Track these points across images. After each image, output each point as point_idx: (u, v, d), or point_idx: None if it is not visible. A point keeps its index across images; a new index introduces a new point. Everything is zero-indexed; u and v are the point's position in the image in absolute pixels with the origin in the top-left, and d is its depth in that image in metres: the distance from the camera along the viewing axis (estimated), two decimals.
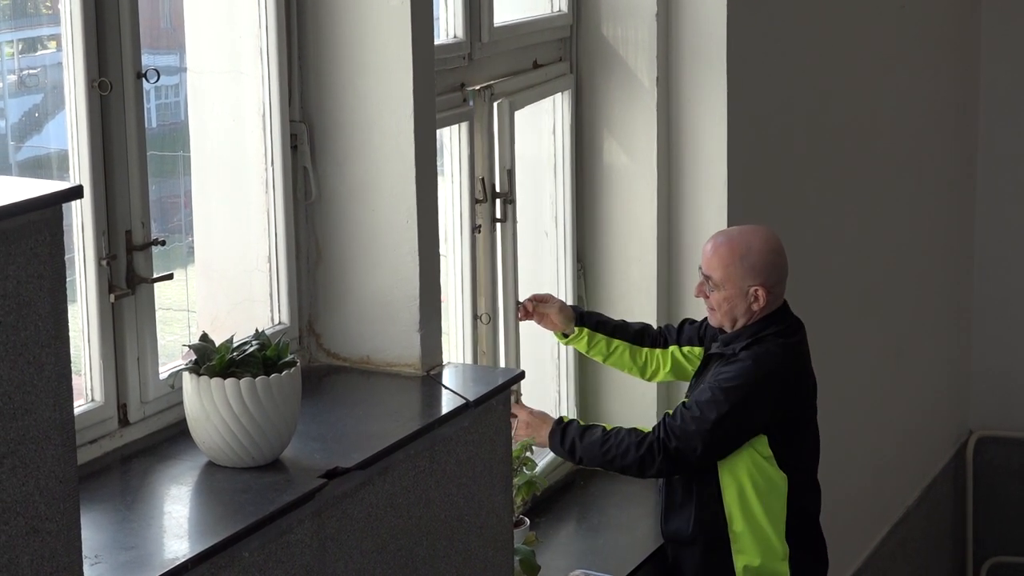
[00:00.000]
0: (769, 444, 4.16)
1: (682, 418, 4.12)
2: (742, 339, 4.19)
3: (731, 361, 4.17)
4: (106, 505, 3.04)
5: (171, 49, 3.74)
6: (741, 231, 4.25)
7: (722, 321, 4.23)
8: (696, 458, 4.12)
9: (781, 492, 4.20)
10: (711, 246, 4.22)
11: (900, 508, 7.11)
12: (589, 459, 4.23)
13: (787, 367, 4.20)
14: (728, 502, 4.20)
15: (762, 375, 4.14)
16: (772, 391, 4.15)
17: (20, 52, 3.36)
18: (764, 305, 4.18)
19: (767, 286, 4.17)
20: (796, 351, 4.24)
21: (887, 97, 6.58)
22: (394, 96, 3.69)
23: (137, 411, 3.33)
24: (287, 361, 3.19)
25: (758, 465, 4.17)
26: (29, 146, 3.40)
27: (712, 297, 4.21)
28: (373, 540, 3.29)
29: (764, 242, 4.21)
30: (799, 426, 4.25)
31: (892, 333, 6.76)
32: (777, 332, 4.19)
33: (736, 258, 4.17)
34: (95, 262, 3.20)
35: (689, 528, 4.24)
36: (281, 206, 3.72)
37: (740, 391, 4.11)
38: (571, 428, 4.22)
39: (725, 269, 4.18)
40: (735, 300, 4.19)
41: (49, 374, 2.47)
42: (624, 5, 4.82)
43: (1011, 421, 8.12)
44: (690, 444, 4.10)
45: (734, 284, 4.18)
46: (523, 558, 4.18)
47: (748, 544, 4.21)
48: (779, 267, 4.22)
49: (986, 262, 8.03)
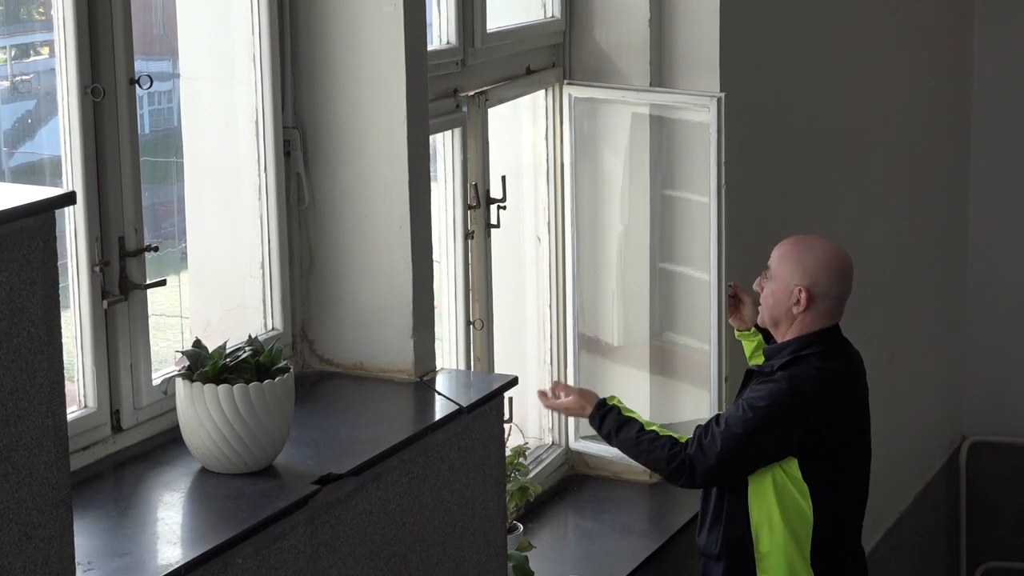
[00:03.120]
0: (800, 468, 4.12)
1: (711, 435, 4.11)
2: (782, 355, 4.15)
3: (766, 380, 4.14)
4: (99, 511, 3.03)
5: (164, 55, 3.74)
6: (814, 238, 4.25)
7: (763, 317, 4.22)
8: (712, 473, 4.12)
9: (807, 520, 4.15)
10: (782, 242, 4.22)
11: (894, 513, 7.12)
12: (623, 451, 4.27)
13: (821, 391, 4.13)
14: (755, 522, 4.17)
15: (795, 399, 4.09)
16: (803, 416, 4.10)
17: (13, 58, 3.36)
18: (804, 309, 4.13)
19: (812, 291, 4.13)
20: (836, 376, 4.17)
21: (880, 101, 6.59)
22: (387, 102, 3.69)
23: (130, 417, 3.33)
24: (280, 367, 3.19)
25: (786, 488, 4.13)
26: (22, 152, 3.40)
27: (764, 289, 4.21)
28: (366, 546, 3.28)
29: (829, 252, 4.17)
30: (834, 454, 4.18)
31: (885, 339, 6.76)
32: (818, 353, 4.14)
33: (795, 254, 4.16)
34: (88, 268, 3.20)
35: (717, 544, 4.23)
36: (274, 212, 3.72)
37: (769, 411, 4.08)
38: (609, 418, 4.23)
39: (781, 262, 4.17)
40: (779, 295, 4.16)
41: (42, 380, 2.47)
42: (617, 11, 4.82)
43: (1004, 426, 8.12)
44: (711, 459, 4.10)
45: (782, 279, 4.16)
46: (517, 564, 4.18)
47: (773, 565, 4.17)
48: (833, 281, 4.16)
49: (979, 268, 8.04)
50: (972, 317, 8.09)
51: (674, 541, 4.72)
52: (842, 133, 6.19)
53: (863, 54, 6.36)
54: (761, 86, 5.27)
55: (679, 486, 4.25)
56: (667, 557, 4.67)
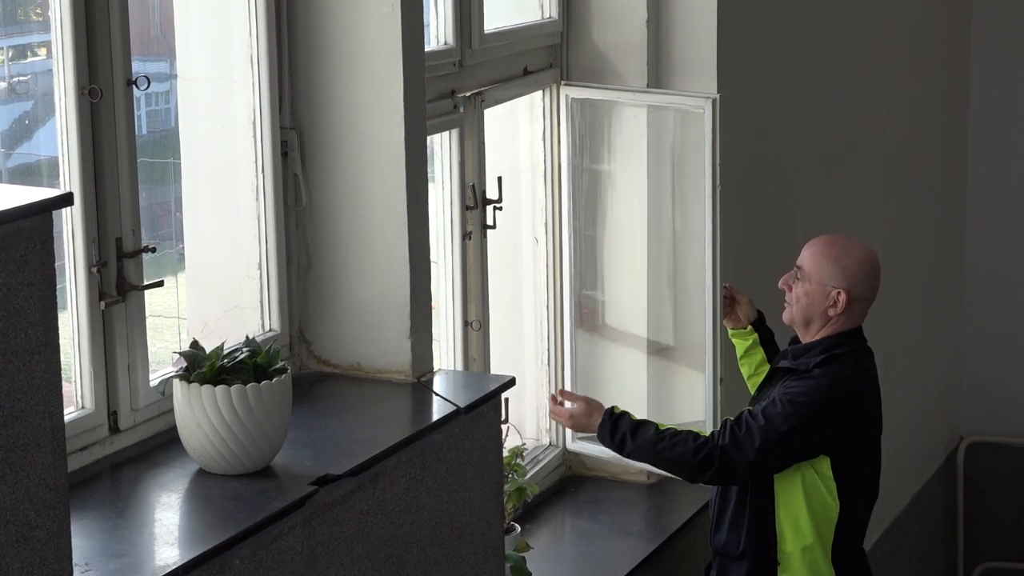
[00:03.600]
0: (832, 466, 4.12)
1: (747, 427, 4.07)
2: (814, 354, 4.15)
3: (803, 377, 4.13)
4: (96, 513, 3.03)
5: (161, 56, 3.74)
6: (850, 239, 4.26)
7: (795, 317, 4.20)
8: (752, 468, 4.08)
9: (832, 517, 4.16)
10: (814, 242, 4.22)
11: (891, 514, 7.12)
12: (639, 456, 4.19)
13: (858, 391, 4.16)
14: (781, 521, 4.16)
15: (835, 396, 4.10)
16: (841, 413, 4.11)
17: (10, 59, 3.36)
18: (841, 312, 4.14)
19: (850, 294, 4.14)
20: (867, 376, 4.20)
21: (878, 103, 6.59)
22: (384, 103, 3.69)
23: (128, 418, 3.33)
24: (278, 368, 3.19)
25: (815, 487, 4.13)
26: (19, 153, 3.40)
27: (795, 289, 4.19)
28: (364, 547, 3.28)
29: (865, 254, 4.19)
30: (861, 454, 4.19)
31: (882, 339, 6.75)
32: (851, 352, 4.16)
33: (832, 256, 4.16)
34: (85, 269, 3.20)
35: (740, 544, 4.21)
36: (271, 213, 3.72)
37: (811, 407, 4.06)
38: (623, 421, 4.18)
39: (817, 262, 4.16)
40: (815, 296, 4.16)
41: (39, 381, 2.46)
42: (614, 12, 4.82)
43: (1001, 426, 8.12)
44: (750, 454, 4.06)
45: (819, 280, 4.15)
46: (514, 565, 4.18)
47: (796, 564, 4.17)
48: (869, 284, 4.18)
49: (976, 268, 8.05)
50: (969, 317, 8.09)
51: (672, 542, 4.72)
52: (839, 134, 6.19)
53: (860, 54, 6.36)
54: (759, 86, 5.27)
55: (706, 481, 4.16)
56: (665, 558, 4.67)
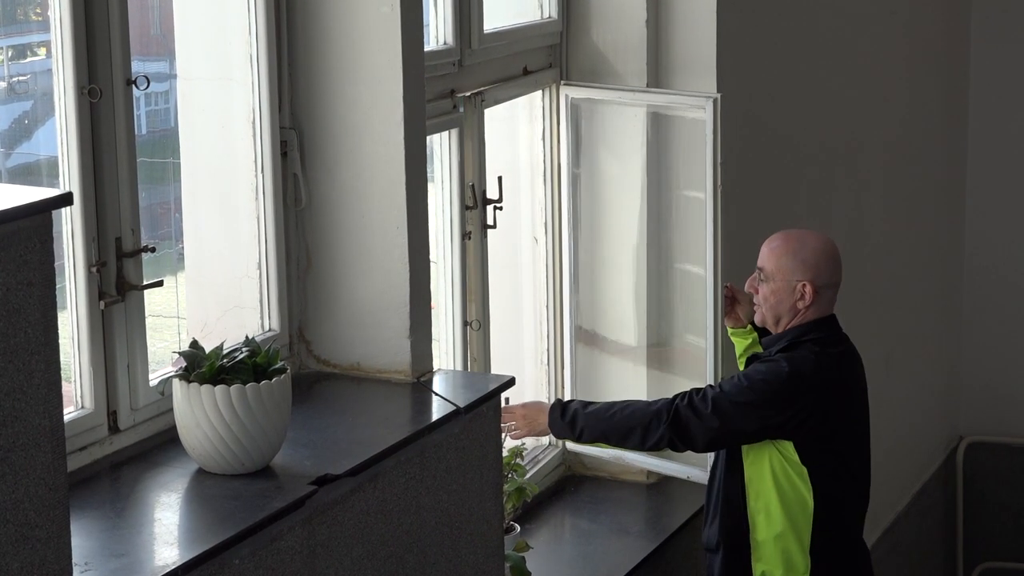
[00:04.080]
0: (796, 450, 4.14)
1: (703, 394, 4.13)
2: (781, 342, 4.20)
3: (764, 360, 4.19)
4: (96, 512, 3.03)
5: (161, 56, 3.74)
6: (800, 231, 4.30)
7: (766, 317, 4.24)
8: (702, 433, 4.11)
9: (807, 506, 4.16)
10: (769, 240, 4.25)
11: (891, 514, 7.12)
12: (593, 431, 4.21)
13: (819, 375, 4.17)
14: (752, 510, 4.18)
15: (792, 378, 4.12)
16: (797, 396, 4.13)
17: (10, 59, 3.36)
18: (810, 304, 4.17)
19: (815, 284, 4.17)
20: (834, 362, 4.21)
21: (877, 102, 6.59)
22: (384, 102, 3.69)
23: (127, 418, 3.33)
24: (277, 368, 3.19)
25: (785, 474, 4.14)
26: (19, 153, 3.40)
27: (761, 290, 4.23)
28: (363, 547, 3.28)
29: (820, 243, 4.22)
30: (831, 439, 4.20)
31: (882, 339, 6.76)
32: (817, 340, 4.19)
33: (789, 251, 4.19)
34: (85, 269, 3.20)
35: (716, 535, 4.24)
36: (271, 213, 3.72)
37: (768, 385, 4.11)
38: (573, 402, 4.24)
39: (777, 261, 4.20)
40: (782, 294, 4.19)
41: (39, 381, 2.46)
42: (614, 12, 4.82)
43: (1001, 426, 8.12)
44: (703, 418, 4.10)
45: (783, 277, 4.18)
46: (514, 564, 4.18)
47: (768, 553, 4.18)
48: (831, 270, 4.21)
49: (976, 267, 8.05)
50: (969, 317, 8.09)
51: (671, 541, 4.72)
52: (839, 133, 6.19)
53: (859, 54, 6.36)
54: (758, 86, 5.27)
55: (656, 441, 4.16)
56: (664, 557, 4.67)
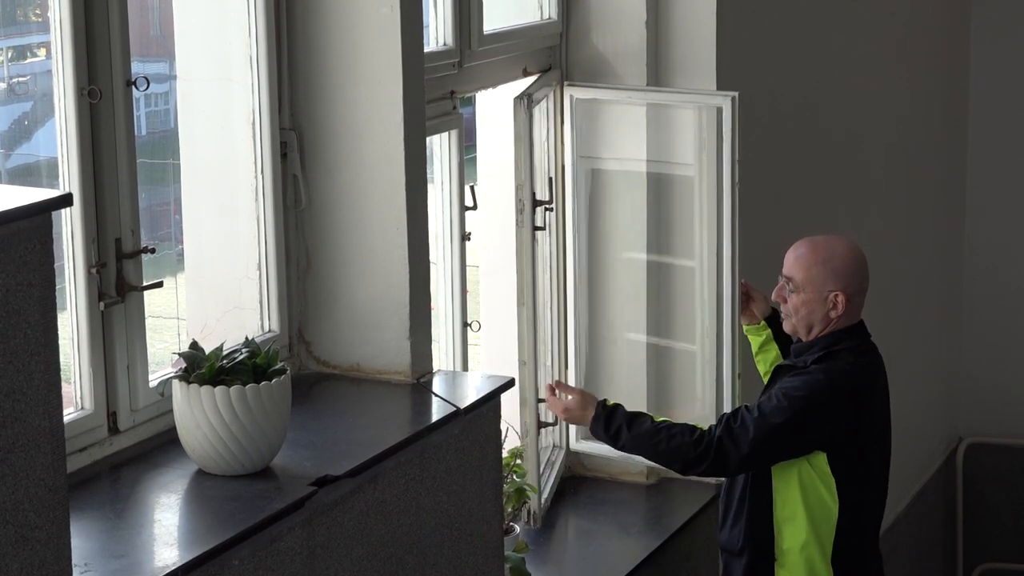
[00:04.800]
0: (828, 462, 4.11)
1: (742, 420, 4.06)
2: (814, 351, 4.14)
3: (800, 373, 4.12)
4: (96, 513, 3.03)
5: (161, 57, 3.74)
6: (826, 237, 4.22)
7: (797, 327, 4.17)
8: (744, 460, 4.06)
9: (831, 515, 4.14)
10: (795, 249, 4.18)
11: (890, 515, 7.10)
12: (633, 448, 4.15)
13: (857, 386, 4.14)
14: (778, 518, 4.16)
15: (831, 392, 4.08)
16: (838, 409, 4.10)
17: (10, 60, 3.36)
18: (842, 313, 4.12)
19: (847, 293, 4.12)
20: (867, 371, 4.18)
21: (878, 103, 6.59)
22: (384, 103, 3.69)
23: (127, 419, 3.33)
24: (277, 369, 3.19)
25: (813, 485, 4.11)
26: (19, 154, 3.40)
27: (791, 301, 4.16)
28: (363, 548, 3.28)
29: (849, 250, 4.16)
30: (862, 449, 4.18)
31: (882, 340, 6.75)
32: (850, 348, 4.14)
33: (819, 260, 4.13)
34: (85, 270, 3.20)
35: (740, 540, 4.21)
36: (271, 214, 3.72)
37: (806, 402, 4.05)
38: (618, 414, 4.15)
39: (807, 271, 4.13)
40: (814, 305, 4.13)
41: (39, 382, 2.47)
42: (613, 13, 4.82)
43: (1001, 427, 8.12)
44: (744, 446, 4.04)
45: (815, 287, 4.12)
46: (513, 565, 4.18)
47: (792, 562, 4.16)
48: (861, 277, 4.16)
49: (976, 268, 8.04)
50: (969, 318, 8.09)
51: (672, 542, 4.72)
52: (839, 134, 6.19)
53: (860, 56, 6.36)
54: (758, 88, 5.27)
55: (701, 473, 4.15)
56: (665, 558, 4.67)
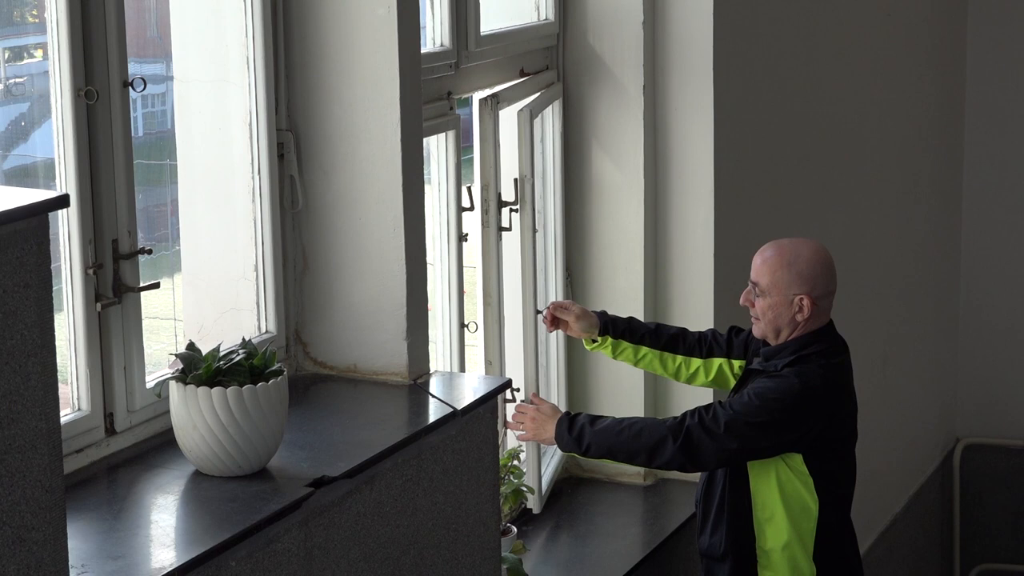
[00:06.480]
0: (805, 462, 4.11)
1: (714, 413, 4.05)
2: (784, 355, 4.14)
3: (773, 376, 4.12)
4: (93, 514, 3.03)
5: (157, 58, 3.74)
6: (792, 240, 4.21)
7: (765, 331, 4.17)
8: (712, 454, 4.05)
9: (812, 514, 4.15)
10: (761, 253, 4.18)
11: (887, 516, 7.12)
12: (599, 445, 4.10)
13: (828, 389, 4.13)
14: (759, 519, 4.16)
15: (806, 396, 4.08)
16: (811, 412, 4.09)
17: (6, 60, 3.36)
18: (809, 316, 4.12)
19: (812, 296, 4.11)
20: (838, 372, 4.18)
21: (874, 104, 6.59)
22: (381, 104, 3.69)
23: (124, 420, 3.33)
24: (274, 370, 3.19)
25: (791, 484, 4.12)
26: (15, 155, 3.40)
27: (757, 304, 4.15)
28: (360, 549, 3.28)
29: (813, 253, 4.16)
30: (836, 448, 4.19)
31: (879, 341, 6.77)
32: (820, 351, 4.14)
33: (784, 264, 4.12)
34: (81, 271, 3.20)
35: (722, 544, 4.21)
36: (268, 215, 3.72)
37: (781, 403, 4.05)
38: (580, 416, 4.14)
39: (772, 275, 4.13)
40: (780, 308, 4.13)
41: (35, 383, 2.46)
42: (610, 14, 4.82)
43: (998, 428, 8.13)
44: (716, 438, 4.04)
45: (780, 291, 4.11)
46: (510, 567, 4.18)
47: (776, 562, 4.16)
48: (827, 280, 4.15)
49: (972, 270, 8.05)
50: (965, 319, 8.10)
51: (667, 544, 4.72)
52: (835, 135, 6.19)
53: (856, 57, 6.37)
54: (755, 89, 5.27)
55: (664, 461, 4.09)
56: (660, 560, 4.67)
